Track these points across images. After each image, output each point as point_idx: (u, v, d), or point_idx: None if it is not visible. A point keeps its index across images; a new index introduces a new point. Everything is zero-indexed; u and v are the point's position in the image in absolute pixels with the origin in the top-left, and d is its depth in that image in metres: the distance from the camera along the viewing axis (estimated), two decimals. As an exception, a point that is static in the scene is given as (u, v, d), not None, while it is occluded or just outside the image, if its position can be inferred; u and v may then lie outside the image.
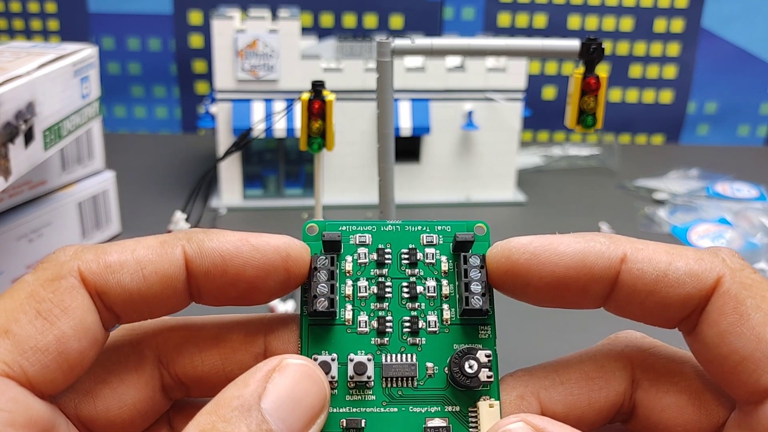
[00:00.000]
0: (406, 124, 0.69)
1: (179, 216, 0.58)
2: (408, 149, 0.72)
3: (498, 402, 0.20)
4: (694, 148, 0.99)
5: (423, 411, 0.20)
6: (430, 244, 0.22)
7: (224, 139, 0.69)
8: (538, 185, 0.79)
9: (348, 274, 0.21)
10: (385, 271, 0.22)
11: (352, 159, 0.71)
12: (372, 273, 0.21)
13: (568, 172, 0.84)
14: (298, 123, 0.66)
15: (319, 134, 0.39)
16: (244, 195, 0.72)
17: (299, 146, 0.42)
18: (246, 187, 0.71)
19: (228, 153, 0.57)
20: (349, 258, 0.22)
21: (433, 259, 0.22)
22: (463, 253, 0.21)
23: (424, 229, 0.22)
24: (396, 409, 0.20)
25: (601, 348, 0.22)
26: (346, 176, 0.71)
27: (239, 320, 0.22)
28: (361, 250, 0.22)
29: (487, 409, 0.20)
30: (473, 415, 0.20)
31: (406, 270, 0.22)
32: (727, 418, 0.20)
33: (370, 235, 0.22)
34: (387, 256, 0.22)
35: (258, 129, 0.65)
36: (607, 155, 0.86)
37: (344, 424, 0.20)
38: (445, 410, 0.20)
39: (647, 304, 0.20)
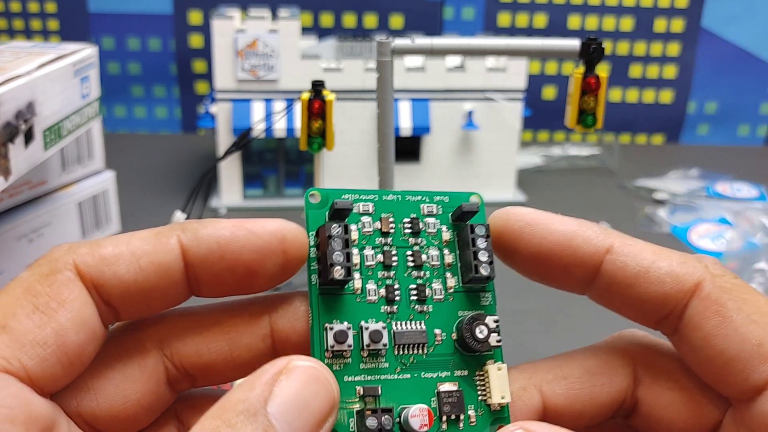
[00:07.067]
0: (406, 124, 0.69)
1: (179, 216, 0.58)
2: (408, 149, 0.72)
3: (505, 365, 0.21)
4: (694, 148, 0.99)
5: (434, 376, 0.21)
6: (430, 214, 0.22)
7: (224, 139, 0.69)
8: (538, 185, 0.79)
9: (354, 243, 0.21)
10: (389, 239, 0.22)
11: (352, 159, 0.71)
12: (377, 242, 0.21)
13: (568, 172, 0.84)
14: (298, 123, 0.66)
15: (319, 134, 0.39)
16: (244, 195, 0.71)
17: (299, 146, 0.42)
18: (246, 187, 0.71)
19: (228, 153, 0.57)
20: (353, 226, 0.21)
21: (434, 228, 0.22)
22: (470, 224, 0.21)
23: (424, 199, 0.22)
24: (409, 376, 0.21)
25: (604, 345, 0.22)
26: (346, 176, 0.71)
27: (241, 303, 0.22)
28: (365, 218, 0.22)
29: (496, 372, 0.21)
30: (481, 378, 0.21)
31: (410, 239, 0.22)
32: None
33: (372, 204, 0.22)
34: (390, 225, 0.22)
35: (258, 129, 0.65)
36: (607, 155, 0.86)
37: (361, 392, 0.20)
38: (455, 375, 0.21)
39: (626, 297, 0.21)
